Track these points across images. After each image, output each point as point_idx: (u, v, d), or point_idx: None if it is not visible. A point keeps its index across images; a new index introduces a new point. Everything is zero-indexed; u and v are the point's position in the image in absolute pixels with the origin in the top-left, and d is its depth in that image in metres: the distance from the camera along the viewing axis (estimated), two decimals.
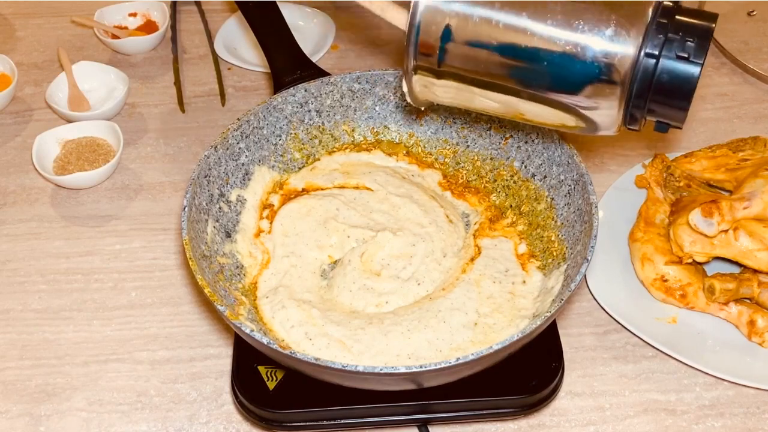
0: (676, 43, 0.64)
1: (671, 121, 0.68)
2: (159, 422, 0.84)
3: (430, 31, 0.68)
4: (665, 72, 0.64)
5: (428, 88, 0.73)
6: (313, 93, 0.94)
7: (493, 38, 0.67)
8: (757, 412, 0.84)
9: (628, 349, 0.89)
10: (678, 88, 0.65)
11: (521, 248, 0.88)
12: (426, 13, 0.68)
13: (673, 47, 0.64)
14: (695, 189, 0.97)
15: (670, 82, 0.64)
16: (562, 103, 0.68)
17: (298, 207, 0.91)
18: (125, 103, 1.18)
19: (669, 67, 0.64)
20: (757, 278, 0.87)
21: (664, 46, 0.64)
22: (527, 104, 0.70)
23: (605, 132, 0.70)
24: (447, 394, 0.77)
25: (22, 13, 1.36)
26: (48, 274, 0.98)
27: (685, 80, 0.64)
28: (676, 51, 0.63)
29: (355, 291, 0.83)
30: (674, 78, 0.64)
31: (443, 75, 0.70)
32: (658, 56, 0.64)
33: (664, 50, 0.64)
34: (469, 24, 0.67)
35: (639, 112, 0.67)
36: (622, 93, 0.65)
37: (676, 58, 0.64)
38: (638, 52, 0.64)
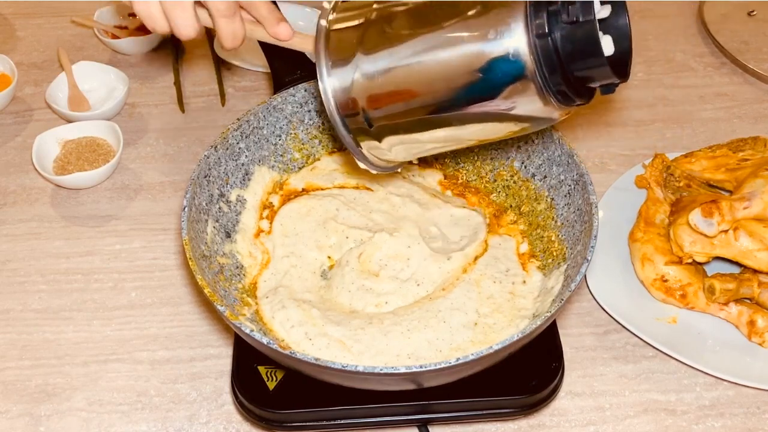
0: (560, 13, 0.63)
1: (606, 80, 0.66)
2: (159, 422, 0.84)
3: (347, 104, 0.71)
4: (565, 42, 0.63)
5: (378, 151, 0.75)
6: (313, 93, 0.94)
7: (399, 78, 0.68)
8: (757, 412, 0.84)
9: (628, 349, 0.89)
10: (586, 49, 0.63)
11: (523, 247, 0.88)
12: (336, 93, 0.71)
13: (560, 18, 0.63)
14: (695, 189, 0.97)
15: (574, 49, 0.63)
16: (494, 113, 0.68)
17: (298, 207, 0.91)
18: (125, 103, 1.18)
19: (566, 38, 0.63)
20: (757, 278, 0.87)
21: (549, 21, 0.63)
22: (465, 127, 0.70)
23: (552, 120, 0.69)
24: (447, 394, 0.77)
25: (22, 13, 1.36)
26: (48, 274, 0.98)
27: (588, 40, 0.63)
28: (564, 20, 0.63)
29: (354, 291, 0.83)
30: (577, 43, 0.63)
31: (380, 134, 0.72)
32: (549, 33, 0.63)
33: (552, 24, 0.63)
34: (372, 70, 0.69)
35: (564, 87, 0.66)
36: (536, 81, 0.64)
37: (567, 25, 0.63)
38: (528, 37, 0.63)
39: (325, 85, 0.71)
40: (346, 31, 0.71)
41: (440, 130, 0.71)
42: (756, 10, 1.32)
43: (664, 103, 1.18)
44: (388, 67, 0.68)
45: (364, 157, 0.76)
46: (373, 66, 0.69)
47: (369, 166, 0.77)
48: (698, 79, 1.22)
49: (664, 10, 1.32)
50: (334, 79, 0.70)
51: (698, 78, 1.22)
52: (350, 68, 0.70)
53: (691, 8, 1.33)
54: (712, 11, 1.31)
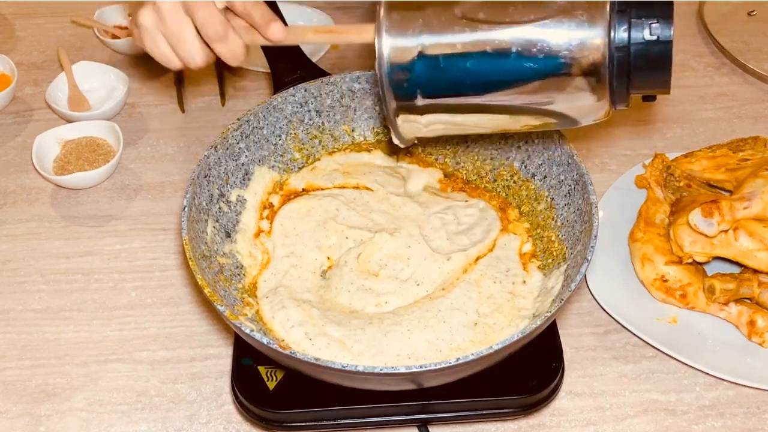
0: (642, 28, 0.65)
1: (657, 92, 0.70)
2: (159, 422, 0.84)
3: (401, 72, 0.69)
4: (639, 58, 0.66)
5: (413, 125, 0.73)
6: (313, 93, 0.94)
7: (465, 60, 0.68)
8: (757, 412, 0.84)
9: (628, 349, 0.89)
10: (655, 67, 0.66)
11: (525, 247, 0.88)
12: (393, 54, 0.68)
13: (640, 33, 0.65)
14: (695, 189, 0.97)
15: (646, 65, 0.66)
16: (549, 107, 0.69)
17: (297, 207, 0.91)
18: (125, 103, 1.18)
19: (642, 53, 0.65)
20: (757, 278, 0.87)
21: (630, 33, 0.65)
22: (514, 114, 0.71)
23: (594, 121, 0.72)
24: (447, 394, 0.77)
25: (22, 13, 1.36)
26: (48, 274, 0.98)
27: (661, 59, 0.66)
28: (644, 36, 0.65)
29: (354, 291, 0.83)
30: (650, 61, 0.66)
31: (426, 111, 0.71)
32: (628, 46, 0.65)
33: (632, 38, 0.65)
34: (438, 52, 0.68)
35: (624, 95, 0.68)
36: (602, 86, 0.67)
37: (645, 43, 0.65)
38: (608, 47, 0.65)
39: (382, 46, 0.68)
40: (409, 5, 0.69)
41: (488, 115, 0.71)
42: (756, 10, 1.32)
43: (664, 103, 1.18)
44: (456, 44, 0.67)
45: (398, 130, 0.74)
46: (439, 39, 0.68)
47: (399, 139, 0.76)
48: (698, 79, 1.22)
49: None
50: (392, 42, 0.69)
51: (698, 78, 1.22)
52: (412, 37, 0.68)
53: (691, 8, 1.33)
54: (712, 11, 1.31)
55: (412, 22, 0.68)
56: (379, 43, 0.69)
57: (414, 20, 0.68)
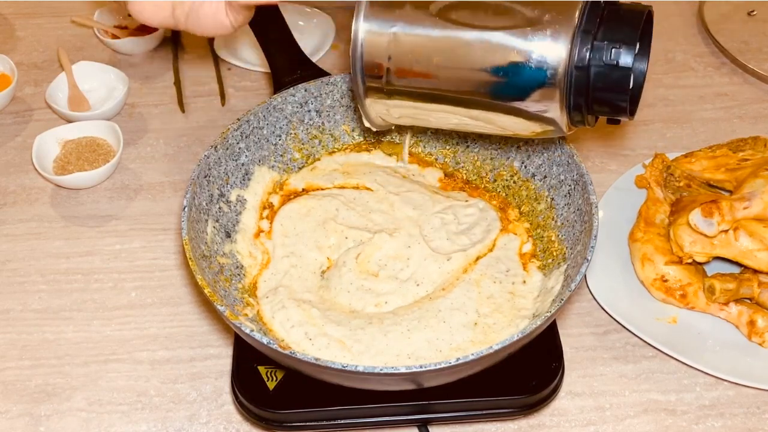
0: (603, 52, 0.66)
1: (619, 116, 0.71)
2: (159, 422, 0.84)
3: (373, 54, 0.73)
4: (598, 80, 0.67)
5: (382, 109, 0.77)
6: (313, 93, 0.94)
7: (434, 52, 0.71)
8: (757, 412, 0.84)
9: (628, 349, 0.89)
10: (614, 90, 0.67)
11: (526, 247, 0.88)
12: (367, 38, 0.73)
13: (602, 55, 0.66)
14: (695, 189, 0.97)
15: (604, 88, 0.67)
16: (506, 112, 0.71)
17: (297, 207, 0.91)
18: (125, 103, 1.18)
19: (600, 76, 0.66)
20: (757, 278, 0.87)
21: (591, 55, 0.66)
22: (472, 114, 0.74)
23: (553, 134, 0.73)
24: (447, 394, 0.77)
25: (22, 13, 1.36)
26: (48, 274, 0.98)
27: (619, 84, 0.66)
28: (604, 59, 0.66)
29: (354, 291, 0.83)
30: (608, 84, 0.67)
31: (393, 94, 0.74)
32: (588, 67, 0.66)
33: (592, 60, 0.66)
34: (410, 41, 0.71)
35: (580, 114, 0.70)
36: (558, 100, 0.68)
37: (604, 66, 0.66)
38: (567, 63, 0.66)
39: (358, 27, 0.72)
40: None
41: (449, 108, 0.74)
42: (756, 10, 1.32)
43: (664, 103, 1.18)
44: (425, 36, 0.71)
45: (366, 110, 0.78)
46: (411, 30, 0.71)
47: (368, 120, 0.80)
48: (698, 79, 1.22)
49: (664, 10, 1.32)
50: (369, 26, 0.72)
51: (698, 78, 1.22)
52: (387, 24, 0.72)
53: (691, 8, 1.33)
54: (712, 11, 1.31)
55: (389, 13, 0.72)
56: (356, 24, 0.72)
57: (391, 11, 0.72)
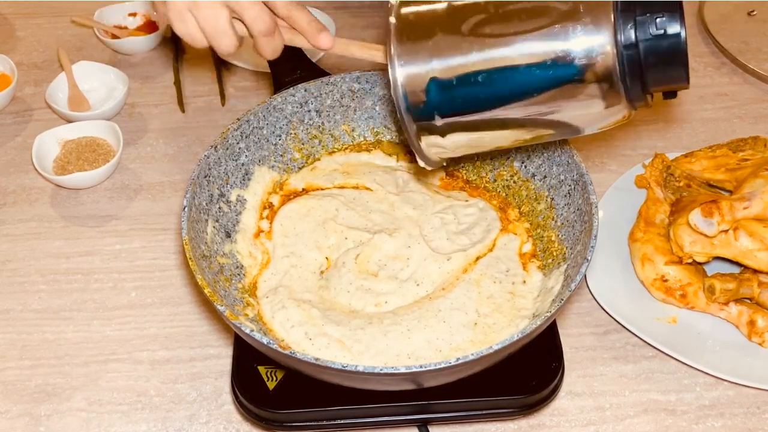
0: (648, 25, 0.64)
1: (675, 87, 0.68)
2: (159, 422, 0.84)
3: (417, 97, 0.70)
4: (649, 54, 0.65)
5: (437, 148, 0.74)
6: (313, 93, 0.94)
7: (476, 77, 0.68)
8: (757, 412, 0.84)
9: (628, 349, 0.89)
10: (669, 61, 0.65)
11: (525, 247, 0.88)
12: (408, 82, 0.69)
13: (647, 29, 0.64)
14: (695, 189, 0.97)
15: (658, 60, 0.65)
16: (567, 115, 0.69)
17: (297, 207, 0.91)
18: (125, 103, 1.18)
19: (651, 49, 0.65)
20: (757, 278, 0.87)
21: (637, 31, 0.64)
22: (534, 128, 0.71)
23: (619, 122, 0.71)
24: (447, 394, 0.77)
25: (22, 13, 1.36)
26: (48, 274, 0.98)
27: (673, 52, 0.65)
28: (651, 32, 0.64)
29: (353, 291, 0.83)
30: (661, 56, 0.65)
31: (447, 131, 0.72)
32: (636, 44, 0.64)
33: (639, 36, 0.64)
34: (449, 75, 0.68)
35: (640, 94, 0.68)
36: (616, 87, 0.66)
37: (653, 38, 0.64)
38: (615, 47, 0.65)
39: (396, 75, 0.70)
40: (418, 26, 0.70)
41: (508, 130, 0.72)
42: (756, 10, 1.32)
43: (664, 103, 1.18)
44: (464, 63, 0.68)
45: (422, 153, 0.75)
46: (448, 61, 0.68)
47: (425, 162, 0.77)
48: (698, 79, 1.22)
49: None
50: (407, 72, 0.69)
51: (698, 78, 1.22)
52: (423, 62, 0.69)
53: (691, 8, 1.33)
54: (712, 11, 1.31)
55: (422, 48, 0.69)
56: (393, 72, 0.70)
57: (424, 45, 0.69)
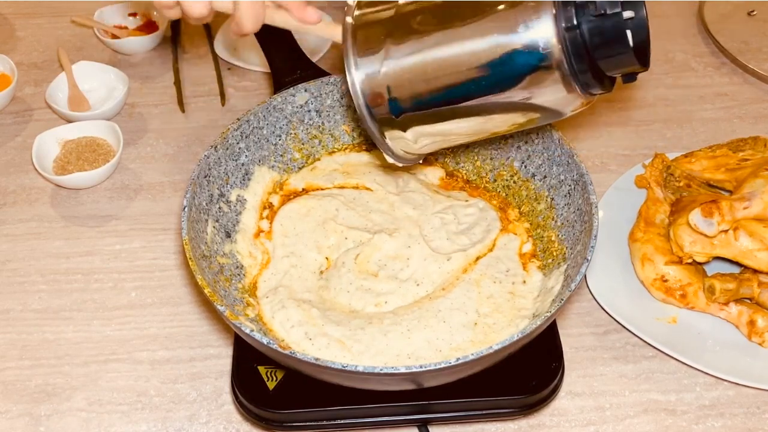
0: (589, 6, 0.64)
1: (630, 69, 0.68)
2: (159, 422, 0.84)
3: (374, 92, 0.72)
4: (594, 35, 0.65)
5: (402, 142, 0.76)
6: (313, 93, 0.94)
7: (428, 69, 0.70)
8: (757, 412, 0.84)
9: (628, 349, 0.89)
10: (613, 40, 0.65)
11: (525, 247, 0.88)
12: (364, 81, 0.72)
13: (587, 11, 0.64)
14: (695, 189, 0.97)
15: (603, 41, 0.65)
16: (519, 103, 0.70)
17: (297, 207, 0.91)
18: (125, 103, 1.18)
19: (594, 30, 0.65)
20: (757, 278, 0.87)
21: (577, 13, 0.65)
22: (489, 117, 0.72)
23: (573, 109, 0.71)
24: (447, 394, 0.77)
25: (22, 13, 1.36)
26: (48, 274, 0.98)
27: (616, 33, 0.65)
28: (592, 13, 0.64)
29: (353, 291, 0.83)
30: (605, 36, 0.65)
31: (406, 124, 0.73)
32: (578, 26, 0.65)
33: (579, 17, 0.65)
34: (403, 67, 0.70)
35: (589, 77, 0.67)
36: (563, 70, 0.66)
37: (595, 18, 0.64)
38: (557, 29, 0.65)
39: (353, 77, 0.72)
40: (372, 25, 0.72)
41: (465, 120, 0.73)
42: (756, 10, 1.32)
43: (664, 103, 1.18)
44: (416, 59, 0.70)
45: (388, 148, 0.77)
46: (401, 58, 0.70)
47: (393, 157, 0.78)
48: (698, 79, 1.22)
49: (664, 10, 1.32)
50: (362, 71, 0.72)
51: (698, 78, 1.22)
52: (377, 60, 0.71)
53: (691, 8, 1.33)
54: (712, 11, 1.31)
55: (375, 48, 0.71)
56: (349, 73, 0.72)
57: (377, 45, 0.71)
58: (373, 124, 0.74)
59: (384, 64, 0.71)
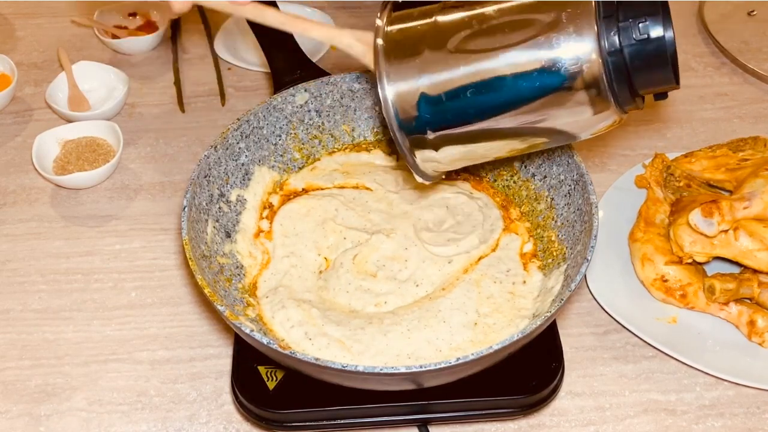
0: (631, 30, 0.65)
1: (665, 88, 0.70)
2: (159, 422, 0.84)
3: (408, 113, 0.71)
4: (635, 59, 0.66)
5: (431, 163, 0.75)
6: (313, 93, 0.94)
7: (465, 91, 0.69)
8: (757, 412, 0.84)
9: (628, 349, 0.89)
10: (655, 64, 0.66)
11: (527, 247, 0.88)
12: (398, 99, 0.70)
13: (630, 35, 0.65)
14: (695, 189, 0.97)
15: (644, 64, 0.66)
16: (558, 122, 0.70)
17: (297, 207, 0.91)
18: (125, 103, 1.18)
19: (636, 54, 0.65)
20: (757, 278, 0.87)
21: (620, 37, 0.65)
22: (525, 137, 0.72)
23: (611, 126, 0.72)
24: (447, 394, 0.77)
25: (22, 13, 1.36)
26: (48, 274, 0.98)
27: (658, 55, 0.66)
28: (635, 37, 0.65)
29: (352, 292, 0.83)
30: (646, 59, 0.66)
31: (440, 145, 0.72)
32: (621, 50, 0.65)
33: (623, 41, 0.65)
34: (438, 90, 0.69)
35: (629, 98, 0.68)
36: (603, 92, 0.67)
37: (637, 43, 0.65)
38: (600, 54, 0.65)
39: (386, 94, 0.70)
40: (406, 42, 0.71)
41: (500, 141, 0.72)
42: (756, 10, 1.32)
43: (664, 103, 1.18)
44: (452, 76, 0.69)
45: (418, 167, 0.75)
46: (437, 77, 0.69)
47: (422, 176, 0.77)
48: (698, 79, 1.22)
49: None
50: (395, 88, 0.70)
51: (698, 78, 1.22)
52: (412, 79, 0.70)
53: (691, 8, 1.33)
54: (712, 11, 1.31)
55: (410, 65, 0.70)
56: (383, 91, 0.70)
57: (411, 62, 0.70)
58: (405, 144, 0.73)
59: (419, 83, 0.70)
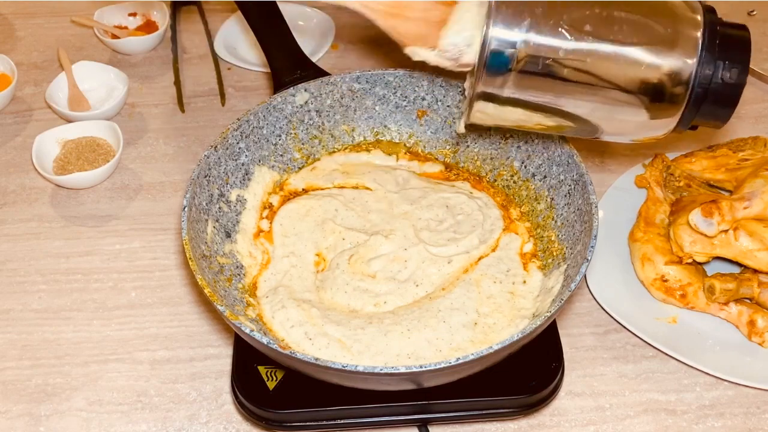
0: (724, 71, 0.71)
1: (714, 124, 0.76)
2: (159, 422, 0.84)
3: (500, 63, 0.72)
4: (715, 95, 0.73)
5: (486, 115, 0.77)
6: (313, 93, 0.94)
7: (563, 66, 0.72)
8: (757, 412, 0.84)
9: (628, 349, 0.89)
10: (725, 104, 0.73)
11: (527, 247, 0.88)
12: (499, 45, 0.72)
13: (722, 75, 0.71)
14: (695, 189, 0.97)
15: (718, 102, 0.73)
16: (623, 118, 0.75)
17: (297, 207, 0.91)
18: (125, 103, 1.18)
19: (718, 92, 0.72)
20: (757, 278, 0.87)
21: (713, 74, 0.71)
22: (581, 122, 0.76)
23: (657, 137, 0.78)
24: (447, 394, 0.77)
25: (22, 13, 1.36)
26: (48, 274, 0.98)
27: (730, 99, 0.73)
28: (724, 78, 0.71)
29: (351, 292, 0.83)
30: (722, 99, 0.73)
31: (508, 103, 0.75)
32: (709, 83, 0.72)
33: (714, 78, 0.72)
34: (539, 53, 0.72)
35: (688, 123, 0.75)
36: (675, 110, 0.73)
37: (723, 84, 0.72)
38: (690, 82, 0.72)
39: (491, 34, 0.71)
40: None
41: (559, 119, 0.76)
42: (756, 10, 1.32)
43: None
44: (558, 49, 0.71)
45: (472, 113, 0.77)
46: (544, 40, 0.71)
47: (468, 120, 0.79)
48: None
49: None
50: (501, 33, 0.71)
51: None
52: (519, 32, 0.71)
53: None
54: None
55: (520, 19, 0.71)
56: (488, 30, 0.71)
57: (522, 18, 0.71)
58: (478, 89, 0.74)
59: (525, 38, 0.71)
